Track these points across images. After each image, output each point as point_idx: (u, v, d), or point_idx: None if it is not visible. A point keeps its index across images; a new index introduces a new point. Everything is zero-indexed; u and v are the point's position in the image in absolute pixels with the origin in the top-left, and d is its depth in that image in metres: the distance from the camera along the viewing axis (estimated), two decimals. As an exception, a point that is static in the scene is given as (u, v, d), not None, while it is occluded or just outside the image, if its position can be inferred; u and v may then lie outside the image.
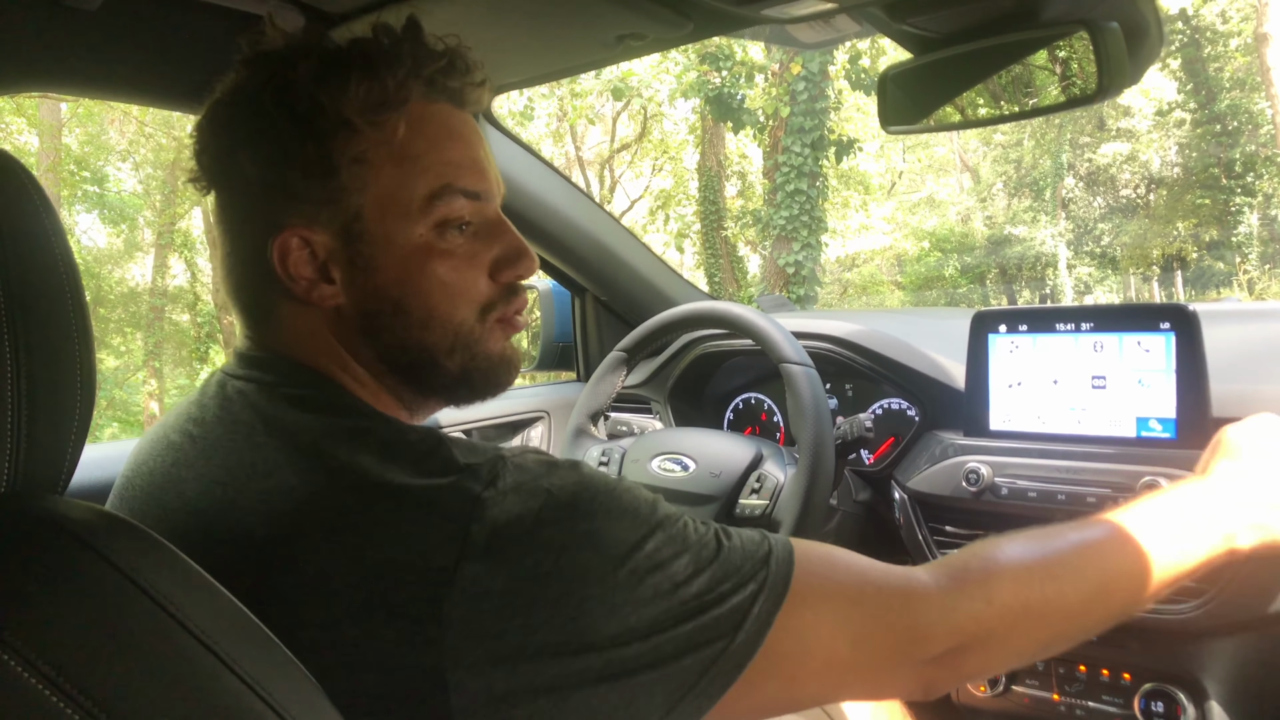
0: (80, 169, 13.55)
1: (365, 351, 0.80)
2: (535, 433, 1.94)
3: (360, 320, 0.79)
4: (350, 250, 0.77)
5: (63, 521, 0.58)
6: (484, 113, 1.59)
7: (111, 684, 0.53)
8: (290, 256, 0.77)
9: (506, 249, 0.82)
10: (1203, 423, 1.18)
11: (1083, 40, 1.04)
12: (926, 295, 20.45)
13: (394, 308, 0.78)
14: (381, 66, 0.76)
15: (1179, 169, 19.85)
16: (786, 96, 10.89)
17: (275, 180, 0.77)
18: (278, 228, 0.76)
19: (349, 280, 0.78)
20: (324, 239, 0.77)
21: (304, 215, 0.77)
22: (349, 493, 0.68)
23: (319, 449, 0.71)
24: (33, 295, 0.60)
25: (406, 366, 0.81)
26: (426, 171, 0.77)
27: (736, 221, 13.49)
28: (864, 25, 1.18)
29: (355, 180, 0.76)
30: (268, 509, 0.69)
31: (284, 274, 0.77)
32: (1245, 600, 1.10)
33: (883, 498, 1.53)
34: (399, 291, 0.78)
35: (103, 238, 15.73)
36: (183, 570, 0.60)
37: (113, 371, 14.05)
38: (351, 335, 0.80)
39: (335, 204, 0.76)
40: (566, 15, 1.13)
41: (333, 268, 0.78)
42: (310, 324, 0.79)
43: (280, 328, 0.81)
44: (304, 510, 0.68)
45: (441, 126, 0.79)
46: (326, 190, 0.76)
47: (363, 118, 0.75)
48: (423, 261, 0.78)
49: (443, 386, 0.84)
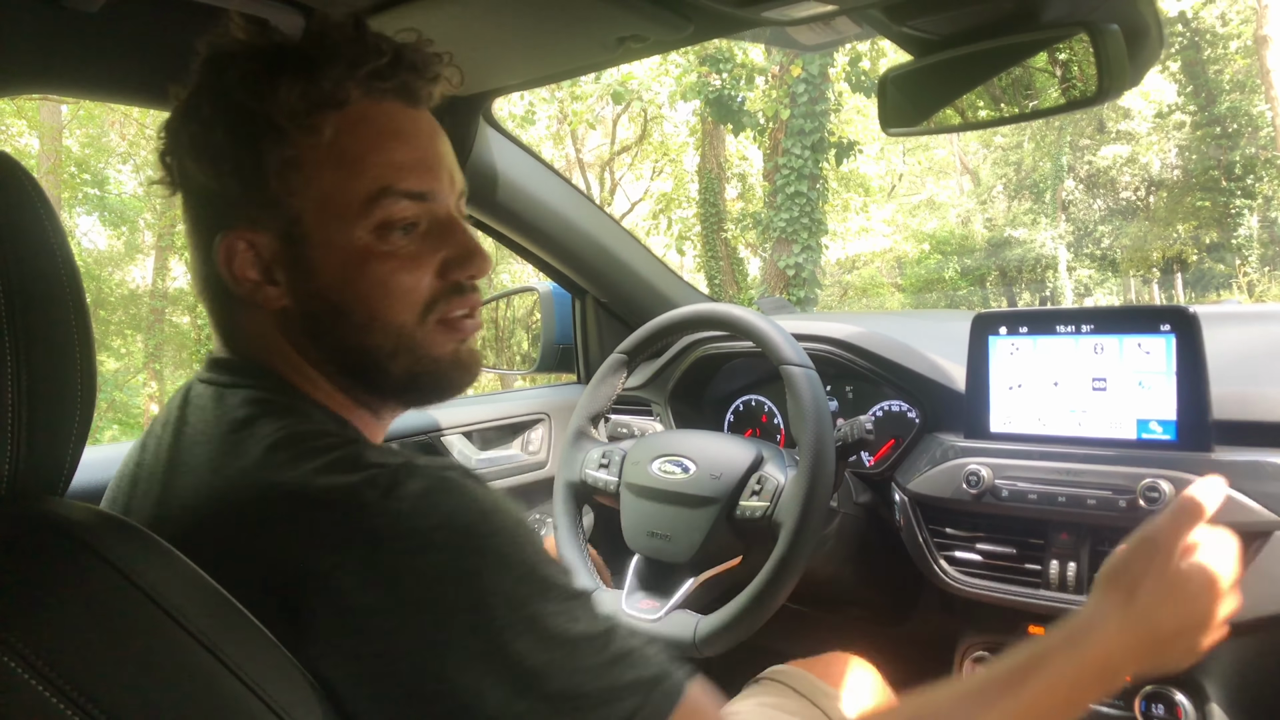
0: (81, 171, 13.56)
1: (313, 354, 0.80)
2: (535, 434, 1.94)
3: (304, 322, 0.79)
4: (292, 253, 0.77)
5: (63, 523, 0.58)
6: (485, 115, 1.59)
7: (112, 686, 0.53)
8: (236, 259, 0.77)
9: (456, 249, 0.80)
10: (1203, 425, 1.18)
11: (1083, 42, 1.04)
12: (927, 297, 20.44)
13: (336, 310, 0.78)
14: (316, 66, 0.75)
15: (1179, 171, 19.85)
16: (786, 99, 10.90)
17: (216, 185, 0.77)
18: (223, 230, 0.77)
19: (292, 283, 0.78)
20: (267, 241, 0.77)
21: (247, 218, 0.77)
22: (252, 490, 0.68)
23: (239, 449, 0.72)
24: (33, 298, 0.60)
25: (353, 369, 0.80)
26: (365, 174, 0.76)
27: (736, 224, 13.48)
28: (864, 27, 1.18)
29: (289, 184, 0.75)
30: (190, 511, 0.71)
31: (229, 276, 0.77)
32: (1245, 603, 1.10)
33: (883, 500, 1.53)
34: (340, 294, 0.77)
35: (103, 240, 15.74)
36: (183, 572, 0.60)
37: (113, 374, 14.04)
38: (299, 337, 0.80)
39: (274, 207, 0.76)
40: (567, 17, 1.14)
41: (276, 270, 0.78)
42: (261, 326, 0.80)
43: (237, 330, 0.82)
44: (216, 511, 0.69)
45: (385, 127, 0.78)
46: (263, 195, 0.76)
47: (292, 121, 0.74)
48: (362, 264, 0.77)
49: (392, 389, 0.83)
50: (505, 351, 2.31)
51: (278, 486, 0.67)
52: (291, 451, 0.70)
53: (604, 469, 1.47)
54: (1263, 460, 1.13)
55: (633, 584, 1.37)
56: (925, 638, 1.58)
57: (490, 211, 1.72)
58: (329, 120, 0.75)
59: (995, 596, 1.29)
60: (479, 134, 1.59)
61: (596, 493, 1.48)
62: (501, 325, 2.34)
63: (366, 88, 0.76)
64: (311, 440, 0.71)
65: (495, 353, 2.34)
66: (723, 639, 1.23)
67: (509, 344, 2.32)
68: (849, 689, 1.27)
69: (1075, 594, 1.22)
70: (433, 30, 1.07)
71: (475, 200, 1.68)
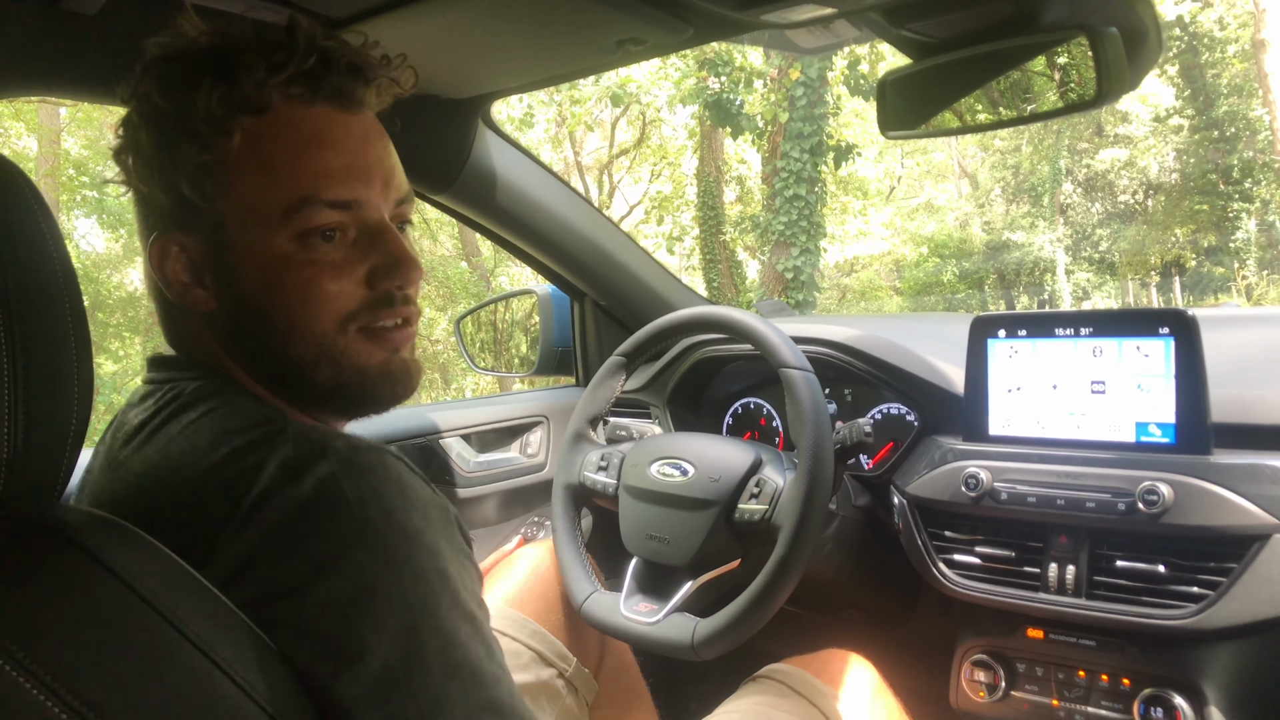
0: (79, 174, 13.54)
1: (241, 358, 0.80)
2: (534, 437, 1.94)
3: (229, 327, 0.79)
4: (217, 257, 0.76)
5: (59, 526, 0.58)
6: (484, 118, 1.59)
7: (107, 689, 0.53)
8: (168, 261, 0.77)
9: (385, 257, 0.78)
10: (1202, 428, 1.18)
11: (1081, 46, 1.04)
12: (925, 300, 20.46)
13: (259, 316, 0.77)
14: (238, 69, 0.73)
15: (1177, 175, 19.88)
16: (785, 102, 10.90)
17: (146, 187, 0.77)
18: (157, 232, 0.77)
19: (218, 287, 0.77)
20: (195, 245, 0.77)
21: (178, 221, 0.76)
22: (170, 477, 0.69)
23: (160, 438, 0.73)
24: (30, 300, 0.60)
25: (278, 376, 0.80)
26: (287, 182, 0.74)
27: (735, 227, 13.49)
28: (863, 30, 1.18)
29: (205, 190, 0.74)
30: (119, 505, 0.71)
31: (161, 277, 0.78)
32: (1244, 606, 1.10)
33: (882, 503, 1.53)
34: (263, 301, 0.76)
35: (101, 243, 15.72)
36: (179, 575, 0.60)
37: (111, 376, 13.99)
38: (226, 341, 0.79)
39: (199, 212, 0.75)
40: (567, 20, 1.13)
41: (205, 273, 0.77)
42: (195, 327, 0.80)
43: (175, 329, 0.82)
44: (137, 501, 0.70)
45: (310, 133, 0.75)
46: (185, 199, 0.75)
47: (210, 126, 0.73)
48: (283, 271, 0.75)
49: (319, 399, 0.81)
50: (504, 354, 2.31)
51: (189, 471, 0.68)
52: (208, 436, 0.70)
53: (603, 471, 1.47)
54: (1261, 463, 1.13)
55: (631, 587, 1.37)
56: (924, 640, 1.58)
57: (489, 214, 1.72)
58: (249, 125, 0.74)
59: (994, 599, 1.29)
60: (478, 137, 1.59)
61: (595, 495, 1.48)
62: (500, 328, 2.34)
63: (287, 93, 0.74)
64: (230, 423, 0.71)
65: (494, 355, 2.34)
66: (721, 642, 1.23)
67: (508, 346, 2.31)
68: (846, 687, 1.27)
69: (1074, 597, 1.22)
70: (432, 33, 1.07)
71: (474, 203, 1.69)
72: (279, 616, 0.62)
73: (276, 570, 0.63)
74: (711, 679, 1.97)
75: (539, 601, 1.46)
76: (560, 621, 1.45)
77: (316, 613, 0.62)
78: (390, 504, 0.66)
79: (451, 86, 1.44)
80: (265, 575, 0.63)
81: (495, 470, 1.83)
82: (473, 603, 0.69)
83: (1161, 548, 1.17)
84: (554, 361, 2.09)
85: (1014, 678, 1.34)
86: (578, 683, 1.39)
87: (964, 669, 1.38)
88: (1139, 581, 1.18)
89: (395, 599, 0.64)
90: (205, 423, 0.72)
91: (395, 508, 0.66)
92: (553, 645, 1.39)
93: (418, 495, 0.69)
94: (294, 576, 0.63)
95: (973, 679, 1.36)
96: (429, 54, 1.23)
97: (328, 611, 0.63)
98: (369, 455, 0.68)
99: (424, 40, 1.18)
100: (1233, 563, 1.11)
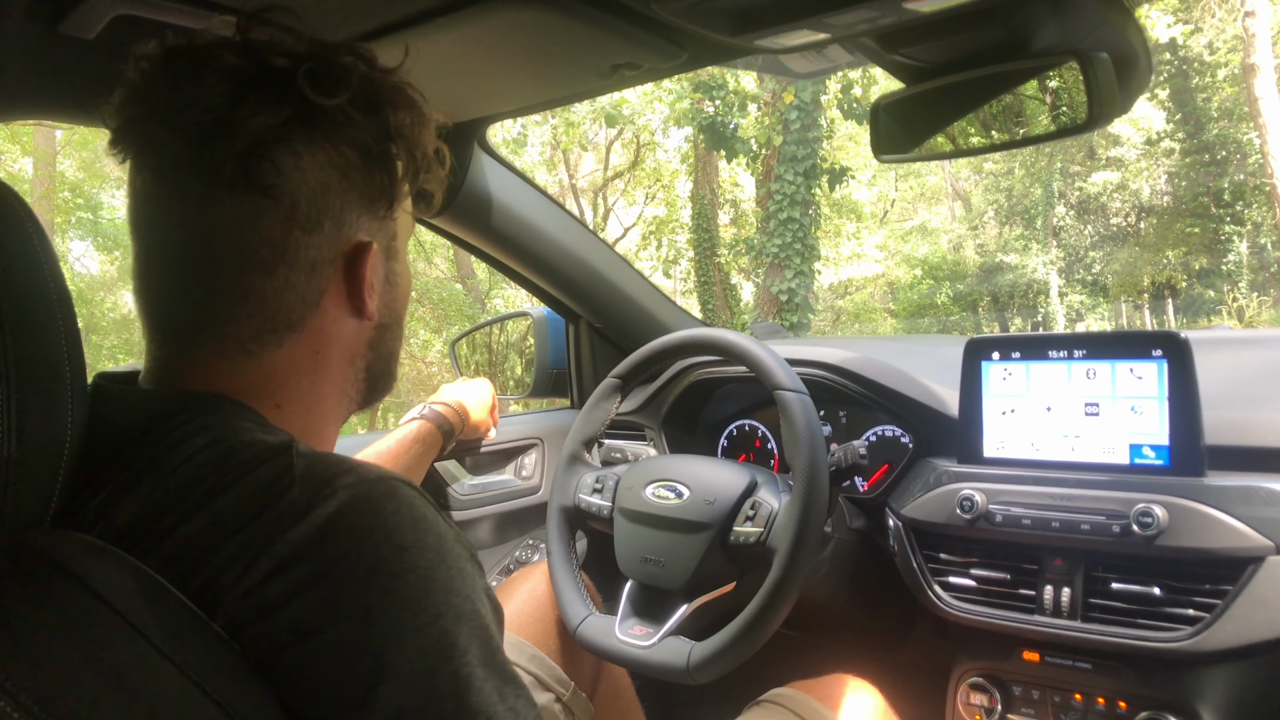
0: (74, 196, 13.56)
1: (349, 371, 0.84)
2: (529, 460, 1.93)
3: (376, 333, 0.85)
4: (387, 267, 0.85)
5: (50, 553, 0.57)
6: (479, 141, 1.60)
7: (91, 716, 0.52)
8: (368, 267, 0.83)
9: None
10: (1196, 450, 1.18)
11: (1073, 70, 1.05)
12: (919, 322, 20.51)
13: (399, 326, 0.88)
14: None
15: (1169, 198, 20.00)
16: (779, 125, 10.97)
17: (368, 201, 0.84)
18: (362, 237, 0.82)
19: (383, 296, 0.85)
20: (377, 254, 0.84)
21: (367, 230, 0.82)
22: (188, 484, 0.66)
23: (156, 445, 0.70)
24: (25, 322, 0.59)
25: (372, 386, 0.86)
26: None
27: (730, 249, 13.54)
28: (856, 55, 1.19)
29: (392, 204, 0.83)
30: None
31: (354, 285, 0.82)
32: (1239, 628, 1.10)
33: (877, 525, 1.53)
34: (401, 308, 0.88)
35: (96, 265, 15.72)
36: (174, 607, 0.59)
37: (104, 398, 13.95)
38: (362, 351, 0.85)
39: (384, 222, 0.83)
40: (562, 45, 1.14)
41: (377, 283, 0.84)
42: (315, 344, 0.84)
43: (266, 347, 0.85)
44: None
45: None
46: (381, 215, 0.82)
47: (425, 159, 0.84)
48: (409, 279, 0.89)
49: (374, 399, 0.87)
50: (499, 377, 2.31)
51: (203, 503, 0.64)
52: (217, 466, 0.66)
53: (597, 494, 1.47)
54: (1255, 485, 1.13)
55: (626, 610, 1.36)
56: (919, 662, 1.58)
57: (485, 237, 1.73)
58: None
59: (989, 622, 1.29)
60: (474, 159, 1.60)
61: (590, 518, 1.47)
62: (495, 350, 2.34)
63: None
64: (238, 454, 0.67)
65: (489, 378, 2.34)
66: (716, 666, 1.22)
67: (503, 369, 2.31)
68: (850, 712, 1.26)
69: (1069, 619, 1.22)
70: (428, 57, 1.08)
71: (469, 225, 1.69)
72: (285, 662, 0.60)
73: (284, 612, 0.60)
74: (708, 703, 1.96)
75: (535, 625, 1.45)
76: (556, 645, 1.44)
77: (325, 659, 0.60)
78: (403, 541, 0.63)
79: (447, 110, 1.45)
80: (271, 619, 0.60)
81: (490, 493, 1.83)
82: (491, 643, 0.66)
83: (1156, 570, 1.17)
84: (549, 384, 2.09)
85: (1010, 701, 1.33)
86: (575, 707, 1.38)
87: (960, 692, 1.37)
88: (1134, 604, 1.18)
89: (410, 645, 0.61)
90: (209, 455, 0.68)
91: (408, 545, 0.63)
92: (550, 669, 1.39)
93: (430, 529, 0.65)
94: (302, 620, 0.60)
95: (969, 702, 1.36)
96: (425, 78, 1.24)
97: (337, 658, 0.60)
98: (380, 487, 0.65)
99: (420, 64, 1.19)
100: (1228, 585, 1.11)
